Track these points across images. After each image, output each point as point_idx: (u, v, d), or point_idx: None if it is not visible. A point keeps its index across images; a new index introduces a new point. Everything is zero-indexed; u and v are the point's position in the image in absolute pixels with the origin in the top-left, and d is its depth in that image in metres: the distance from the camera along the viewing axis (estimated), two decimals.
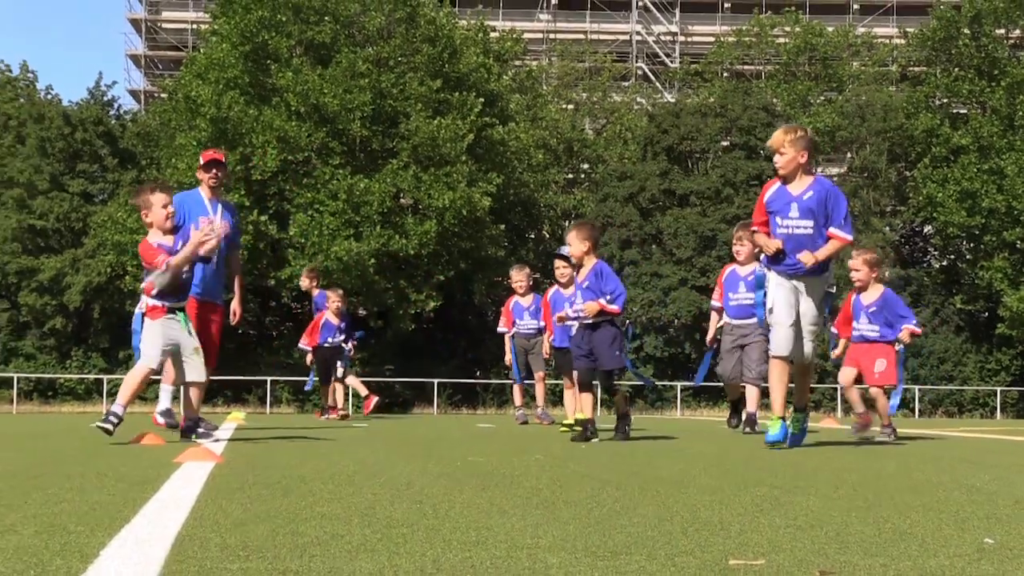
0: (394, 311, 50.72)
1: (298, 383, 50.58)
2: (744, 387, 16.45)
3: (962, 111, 62.52)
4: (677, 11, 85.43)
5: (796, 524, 4.59)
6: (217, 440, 11.00)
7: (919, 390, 56.26)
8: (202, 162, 14.70)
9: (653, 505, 5.29)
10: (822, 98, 66.38)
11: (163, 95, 64.70)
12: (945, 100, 62.33)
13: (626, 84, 75.76)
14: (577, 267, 12.87)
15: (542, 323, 18.76)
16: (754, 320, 13.68)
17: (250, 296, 51.39)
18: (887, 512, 5.10)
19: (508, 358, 20.25)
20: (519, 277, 20.55)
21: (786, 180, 10.99)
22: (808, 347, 11.06)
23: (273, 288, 52.06)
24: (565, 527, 4.41)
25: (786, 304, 10.83)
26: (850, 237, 11.11)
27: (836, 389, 54.65)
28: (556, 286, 16.55)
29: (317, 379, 24.21)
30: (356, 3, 52.56)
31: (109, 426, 10.79)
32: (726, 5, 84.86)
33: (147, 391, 32.19)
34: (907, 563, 3.63)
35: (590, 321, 12.46)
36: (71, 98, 63.88)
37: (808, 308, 10.98)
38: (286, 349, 52.54)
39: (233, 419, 21.04)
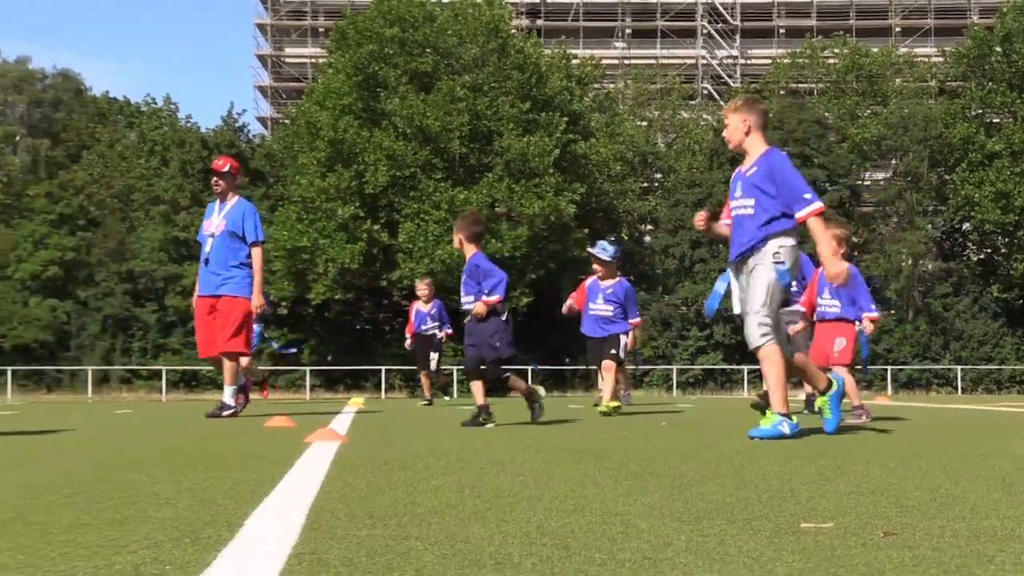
0: None
1: (409, 371, 50.89)
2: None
3: (995, 120, 61.90)
4: (738, 37, 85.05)
5: (859, 491, 4.54)
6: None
7: (961, 370, 55.74)
8: None
9: (729, 475, 5.25)
10: (868, 111, 65.82)
11: (287, 121, 65.17)
12: (980, 111, 61.68)
13: (693, 103, 75.44)
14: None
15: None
16: (791, 308, 12.72)
17: (365, 295, 51.76)
18: (940, 479, 5.04)
19: None
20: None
21: (743, 158, 9.11)
22: (752, 332, 8.78)
23: (385, 288, 52.31)
24: (652, 495, 4.39)
25: (738, 298, 8.98)
26: (820, 205, 8.65)
27: (887, 369, 54.25)
28: (594, 277, 15.62)
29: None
30: (454, 36, 52.78)
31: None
32: (781, 31, 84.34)
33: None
34: (962, 524, 3.58)
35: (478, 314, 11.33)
36: (208, 125, 64.42)
37: (750, 292, 8.76)
38: (398, 341, 52.69)
39: (354, 404, 21.20)
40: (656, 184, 65.94)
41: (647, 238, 62.97)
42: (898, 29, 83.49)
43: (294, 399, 43.69)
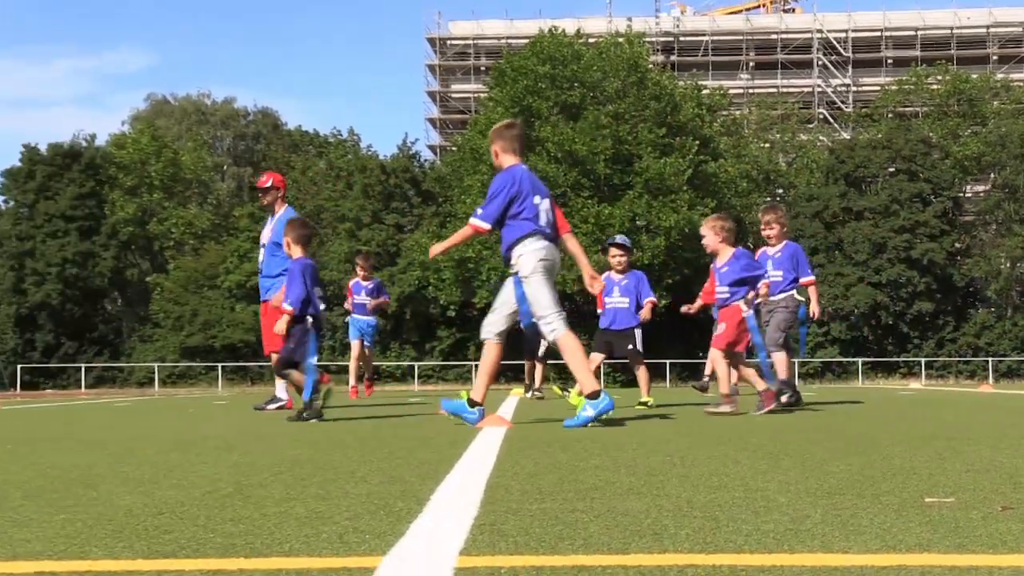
0: None
1: (562, 365, 51.01)
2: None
3: None
4: (849, 67, 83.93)
5: (974, 468, 4.43)
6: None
7: None
8: None
9: (855, 455, 5.16)
10: (969, 131, 64.57)
11: (453, 148, 65.63)
12: None
13: (810, 126, 74.62)
14: None
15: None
16: (781, 296, 11.94)
17: None
18: None
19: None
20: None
21: None
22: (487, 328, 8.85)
23: None
24: (787, 473, 4.32)
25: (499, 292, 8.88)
26: (482, 225, 8.60)
27: (988, 360, 53.06)
28: (609, 272, 13.73)
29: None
30: (598, 72, 52.87)
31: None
32: (889, 61, 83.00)
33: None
34: None
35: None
36: (385, 153, 65.11)
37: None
38: None
39: (515, 393, 21.21)
40: (778, 198, 65.28)
41: None
42: (995, 57, 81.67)
43: (464, 390, 43.90)
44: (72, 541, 2.87)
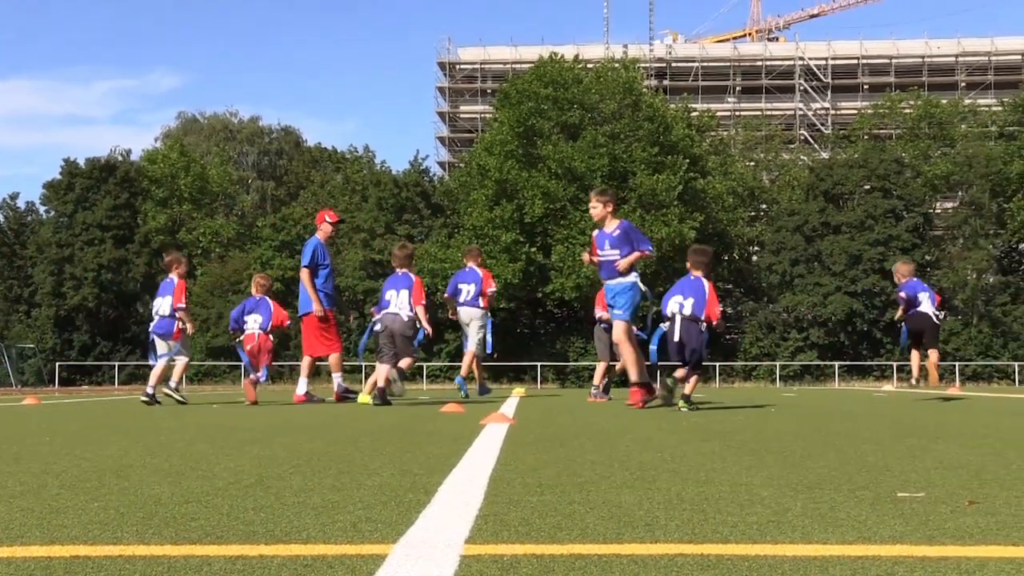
0: None
1: (560, 367, 50.87)
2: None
3: None
4: (829, 92, 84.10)
5: (944, 465, 4.41)
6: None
7: (1019, 366, 54.28)
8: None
9: (832, 452, 5.14)
10: (939, 152, 64.72)
11: (461, 164, 65.70)
12: None
13: (792, 146, 74.74)
14: None
15: None
16: None
17: (524, 305, 51.88)
18: (1011, 456, 4.88)
19: None
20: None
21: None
22: None
23: (540, 299, 52.45)
24: (769, 469, 4.31)
25: None
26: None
27: (955, 364, 52.91)
28: None
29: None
30: (596, 95, 53.10)
31: None
32: (865, 86, 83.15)
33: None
34: None
35: None
36: (398, 169, 65.11)
37: None
38: (551, 342, 52.84)
39: (516, 393, 21.16)
40: (762, 213, 65.31)
41: (754, 257, 62.41)
42: (963, 84, 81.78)
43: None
44: (105, 527, 2.86)
